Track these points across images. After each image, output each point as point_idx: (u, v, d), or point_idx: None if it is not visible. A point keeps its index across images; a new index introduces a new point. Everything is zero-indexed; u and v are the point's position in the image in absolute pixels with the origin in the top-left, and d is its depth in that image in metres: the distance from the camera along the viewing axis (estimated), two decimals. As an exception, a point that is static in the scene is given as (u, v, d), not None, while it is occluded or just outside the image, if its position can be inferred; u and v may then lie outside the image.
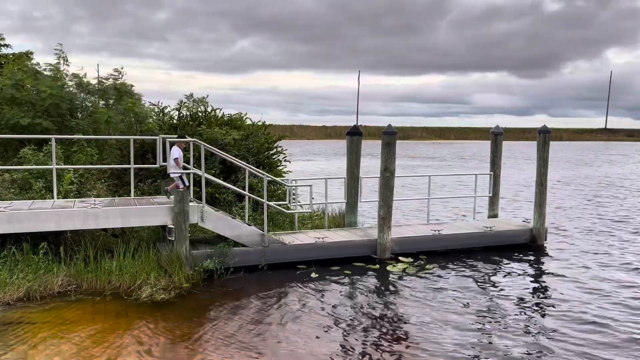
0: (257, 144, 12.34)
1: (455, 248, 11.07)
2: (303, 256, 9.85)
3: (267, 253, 9.49)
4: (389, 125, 10.44)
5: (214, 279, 8.77)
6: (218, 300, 7.90)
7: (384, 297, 8.28)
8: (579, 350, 6.33)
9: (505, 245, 11.44)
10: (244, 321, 7.11)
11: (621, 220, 15.35)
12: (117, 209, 8.57)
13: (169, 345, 6.31)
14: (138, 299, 7.76)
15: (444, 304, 7.91)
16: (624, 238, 12.87)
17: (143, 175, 11.61)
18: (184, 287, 8.24)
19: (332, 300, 8.02)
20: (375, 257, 10.26)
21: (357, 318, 7.35)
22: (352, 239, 10.39)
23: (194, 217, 8.89)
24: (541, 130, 11.78)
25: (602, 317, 7.43)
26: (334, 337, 6.68)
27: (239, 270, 9.18)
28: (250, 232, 9.43)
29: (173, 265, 8.47)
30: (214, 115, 13.09)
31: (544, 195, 11.75)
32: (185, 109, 13.09)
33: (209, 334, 6.67)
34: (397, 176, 10.72)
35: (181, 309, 7.52)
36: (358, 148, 11.68)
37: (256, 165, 11.65)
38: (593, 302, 8.04)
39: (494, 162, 13.03)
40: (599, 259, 10.79)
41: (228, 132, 11.81)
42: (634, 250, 11.60)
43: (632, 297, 8.33)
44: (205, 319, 7.18)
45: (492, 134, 13.06)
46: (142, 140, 11.44)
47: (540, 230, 11.74)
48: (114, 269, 8.35)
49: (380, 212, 10.35)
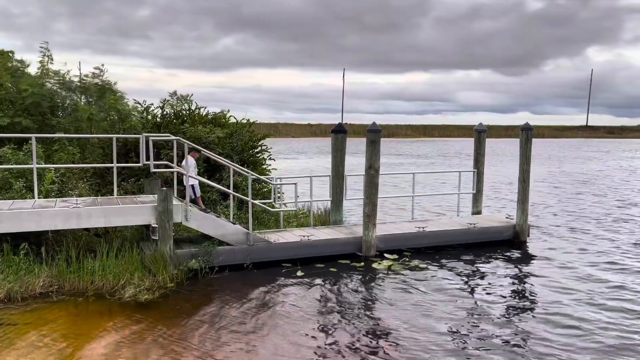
0: (242, 142, 12.28)
1: (440, 245, 11.15)
2: (288, 254, 9.84)
3: (252, 252, 9.46)
4: (374, 123, 10.47)
5: (198, 279, 8.71)
6: (203, 300, 7.85)
7: (370, 294, 8.30)
8: (559, 347, 6.41)
9: (489, 242, 11.56)
10: (228, 320, 7.08)
11: (602, 216, 15.59)
12: (99, 208, 8.47)
13: (153, 345, 6.25)
14: (121, 299, 7.68)
15: (429, 300, 7.96)
16: (605, 234, 13.08)
17: (126, 174, 11.49)
18: (168, 287, 8.17)
19: (318, 298, 8.03)
20: (360, 255, 10.29)
21: (342, 316, 7.36)
22: (337, 237, 10.40)
23: (178, 216, 8.82)
24: (524, 127, 11.90)
25: (583, 314, 7.54)
26: (319, 335, 6.68)
27: (224, 269, 9.14)
28: (235, 231, 9.39)
29: (157, 265, 8.40)
30: (198, 113, 13.00)
31: (526, 192, 11.88)
32: (169, 106, 12.99)
33: (194, 333, 6.63)
34: (381, 174, 10.76)
35: (165, 308, 7.46)
36: (343, 146, 11.69)
37: (241, 164, 11.60)
38: (574, 298, 8.15)
39: (477, 160, 13.13)
40: (580, 254, 10.95)
41: (212, 131, 11.74)
42: (614, 245, 11.80)
43: (612, 293, 8.47)
44: (190, 318, 7.14)
45: (476, 132, 13.17)
46: (125, 138, 11.32)
47: (523, 227, 11.87)
48: (96, 269, 8.25)
49: (365, 210, 10.38)
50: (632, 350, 6.28)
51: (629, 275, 9.40)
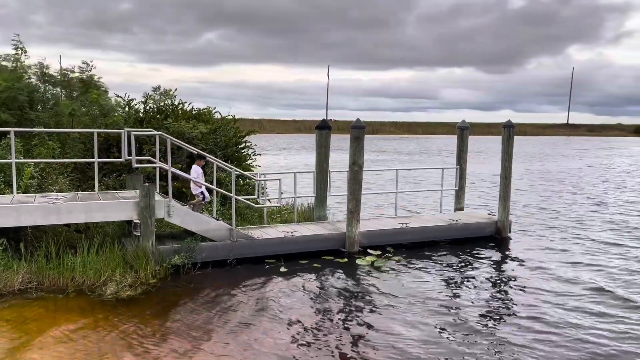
0: (226, 138, 12.22)
1: (423, 240, 11.22)
2: (272, 250, 9.82)
3: (235, 248, 9.42)
4: (358, 120, 10.48)
5: (181, 275, 8.65)
6: (185, 296, 7.81)
7: (352, 290, 8.33)
8: (536, 344, 6.50)
9: (471, 238, 11.67)
10: (211, 316, 7.05)
11: (582, 213, 15.84)
12: (80, 203, 8.36)
13: (135, 341, 6.20)
14: (102, 295, 7.60)
15: (411, 296, 8.02)
16: (584, 231, 13.29)
17: (108, 170, 11.36)
18: (150, 283, 8.10)
19: (301, 294, 8.04)
20: (344, 251, 10.32)
21: (325, 311, 7.38)
22: (321, 233, 10.41)
23: (160, 211, 8.74)
24: (506, 125, 12.02)
25: (561, 310, 7.65)
26: (302, 331, 6.69)
27: (207, 265, 9.09)
28: (218, 227, 9.34)
29: (139, 261, 8.32)
30: (182, 108, 12.89)
31: (508, 188, 12.02)
32: (152, 101, 12.86)
33: (176, 329, 6.59)
34: (365, 170, 10.79)
35: (147, 305, 7.40)
36: (327, 142, 11.69)
37: (224, 160, 11.54)
38: (553, 295, 8.27)
39: (460, 156, 13.24)
40: (560, 250, 11.12)
41: (195, 126, 11.66)
42: (593, 242, 11.99)
43: (590, 289, 8.62)
44: (172, 315, 7.09)
45: (459, 129, 13.27)
46: (107, 133, 11.18)
47: (505, 223, 12.01)
48: (77, 266, 8.15)
49: (349, 206, 10.40)
50: (611, 346, 6.40)
51: (605, 271, 9.57)
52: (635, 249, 11.24)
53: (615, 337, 6.54)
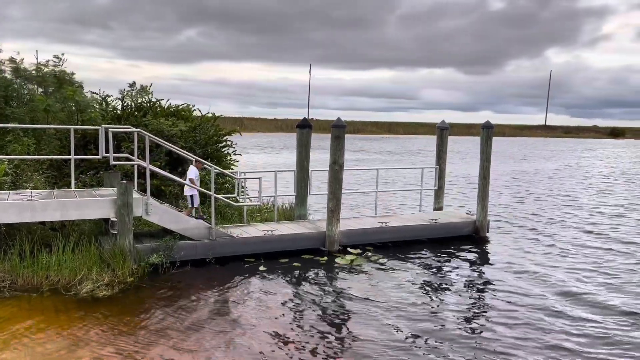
0: (206, 136, 12.12)
1: (402, 240, 11.29)
2: (252, 249, 9.78)
3: (214, 246, 9.36)
4: (338, 119, 10.49)
5: (159, 274, 8.56)
6: (163, 295, 7.73)
7: (332, 289, 8.35)
8: (512, 342, 6.58)
9: (450, 237, 11.78)
10: (189, 316, 6.99)
11: (558, 213, 16.11)
12: (55, 201, 8.21)
13: (110, 340, 6.11)
14: (78, 294, 7.48)
15: (390, 295, 8.06)
16: (561, 229, 13.52)
17: (85, 167, 11.18)
18: (128, 282, 8.00)
19: (280, 293, 8.02)
20: (324, 250, 10.32)
21: (304, 310, 7.37)
22: (301, 232, 10.40)
23: (138, 210, 8.63)
24: (484, 125, 12.16)
25: (538, 307, 7.78)
26: (280, 330, 6.67)
27: (186, 264, 9.01)
28: (197, 225, 9.27)
29: (116, 260, 8.20)
30: (160, 105, 12.75)
31: (486, 188, 12.16)
32: (129, 98, 12.67)
33: (153, 328, 6.52)
34: (346, 169, 10.81)
35: (124, 304, 7.31)
36: (308, 141, 11.68)
37: (204, 158, 11.44)
38: (529, 293, 8.40)
39: (439, 156, 13.34)
40: (537, 250, 11.30)
41: (175, 124, 11.54)
42: (569, 241, 12.21)
43: (565, 290, 8.77)
44: (149, 314, 7.01)
45: (438, 129, 13.37)
46: (84, 130, 11.00)
47: (483, 222, 12.15)
48: (52, 264, 8.01)
49: (329, 205, 10.41)
50: (586, 348, 6.52)
51: (580, 271, 9.75)
52: (608, 249, 11.47)
53: (590, 340, 6.64)
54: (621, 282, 8.96)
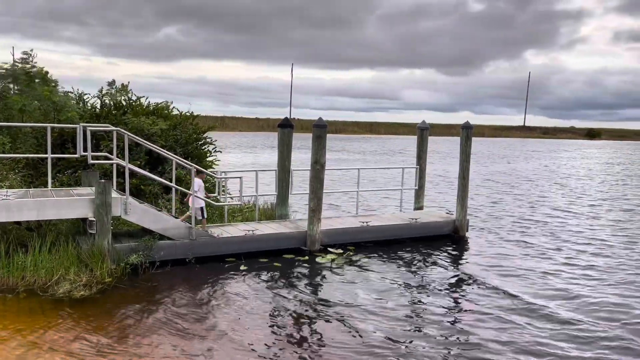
0: (186, 135, 12.03)
1: (383, 239, 11.36)
2: (232, 249, 9.74)
3: (194, 246, 9.30)
4: (320, 119, 10.51)
5: (139, 274, 8.47)
6: (142, 296, 7.65)
7: (312, 288, 8.36)
8: (491, 342, 6.65)
9: (430, 236, 11.89)
10: (168, 315, 6.94)
11: (537, 212, 16.37)
12: (31, 200, 8.07)
13: (87, 341, 6.03)
14: (54, 295, 7.37)
15: (370, 294, 8.10)
16: (539, 228, 13.74)
17: (62, 166, 11.01)
18: (106, 282, 7.90)
19: (260, 293, 8.00)
20: (305, 249, 10.33)
21: (284, 310, 7.37)
22: (282, 231, 10.39)
23: (116, 209, 8.53)
24: (464, 126, 12.30)
25: (516, 307, 7.89)
26: (260, 330, 6.66)
27: (166, 264, 8.93)
28: (177, 225, 9.19)
29: (94, 260, 8.10)
30: (140, 104, 12.61)
31: (466, 188, 12.30)
32: (108, 97, 12.50)
33: (132, 329, 6.45)
34: (327, 169, 10.83)
35: (103, 304, 7.22)
36: (289, 140, 11.68)
37: (184, 157, 11.35)
38: (508, 292, 8.51)
39: (420, 156, 13.45)
40: (516, 248, 11.47)
41: (155, 122, 11.43)
42: (546, 239, 12.42)
43: (544, 284, 8.93)
44: (128, 314, 6.94)
45: (419, 129, 13.49)
46: (61, 128, 10.82)
47: (462, 222, 12.28)
48: (28, 265, 7.87)
49: (311, 204, 10.42)
50: (564, 349, 6.64)
51: (558, 269, 9.93)
52: (585, 248, 11.70)
53: (569, 339, 6.71)
54: (599, 280, 9.13)
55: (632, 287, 8.81)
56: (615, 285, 8.87)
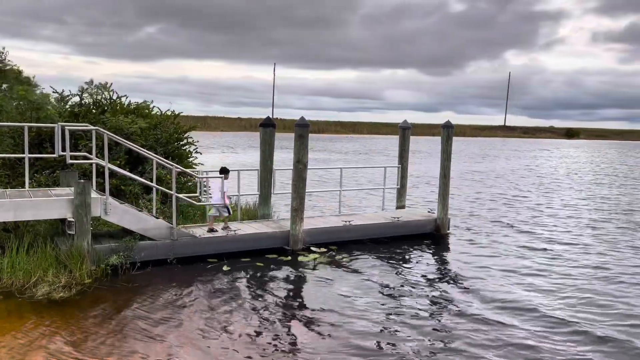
0: (166, 134, 11.92)
1: (365, 238, 11.40)
2: (214, 249, 9.68)
3: (176, 247, 9.23)
4: (302, 118, 10.51)
5: (119, 275, 8.38)
6: (123, 297, 7.57)
7: (295, 288, 8.36)
8: (470, 340, 6.72)
9: (412, 235, 11.96)
10: (149, 317, 6.87)
11: (518, 211, 16.59)
12: (7, 201, 7.93)
13: (67, 343, 5.95)
14: (33, 297, 7.25)
15: (352, 293, 8.13)
16: (520, 225, 13.93)
17: (40, 166, 10.82)
18: (86, 284, 7.80)
19: (242, 293, 7.97)
20: (287, 249, 10.32)
21: (266, 310, 7.36)
22: (264, 231, 10.37)
23: (96, 209, 8.43)
24: (445, 125, 12.40)
25: (497, 306, 7.99)
26: (242, 330, 6.64)
27: (147, 265, 8.85)
28: (158, 225, 9.11)
29: (73, 261, 7.99)
30: (120, 103, 12.46)
31: (447, 187, 12.40)
32: (87, 95, 12.33)
33: (111, 331, 6.37)
34: (309, 168, 10.83)
35: (82, 306, 7.12)
36: (271, 140, 11.65)
37: (165, 156, 11.25)
38: (489, 290, 8.62)
39: (401, 156, 13.54)
40: (496, 246, 11.60)
41: (134, 121, 11.30)
42: (527, 238, 12.59)
43: (524, 282, 9.05)
44: (108, 316, 6.85)
45: (401, 129, 13.57)
46: (39, 128, 10.64)
47: (444, 220, 12.39)
48: (4, 266, 7.73)
49: (293, 204, 10.42)
50: (545, 347, 6.74)
51: (539, 267, 10.07)
52: (567, 247, 11.88)
53: (548, 337, 6.78)
54: (579, 278, 9.26)
55: (614, 284, 8.91)
56: (596, 282, 8.99)
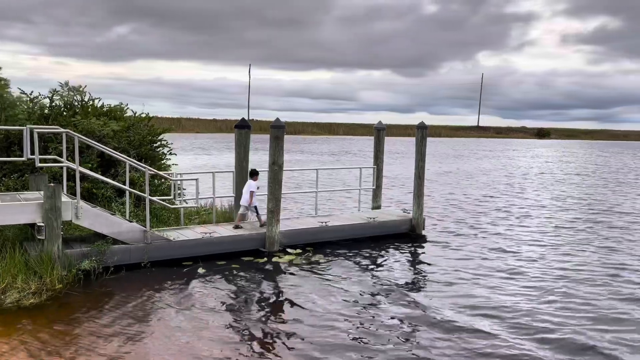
0: (139, 137, 11.75)
1: (342, 239, 11.43)
2: (189, 252, 9.58)
3: (150, 250, 9.10)
4: (277, 119, 10.48)
5: (92, 280, 8.22)
6: (95, 302, 7.43)
7: (270, 289, 8.33)
8: (440, 341, 6.75)
9: (388, 235, 12.04)
10: (122, 322, 6.76)
11: (492, 210, 16.84)
12: (-25, 206, 7.71)
13: (37, 350, 5.81)
14: (2, 304, 7.06)
15: (327, 294, 8.14)
16: (493, 226, 14.14)
17: (8, 170, 10.55)
18: (57, 289, 7.63)
19: (217, 296, 7.91)
20: (264, 251, 10.28)
21: (240, 313, 7.32)
22: (240, 233, 10.31)
23: (67, 214, 8.26)
24: (419, 126, 12.53)
25: (471, 299, 8.10)
26: (216, 333, 6.59)
27: (121, 269, 8.71)
28: (131, 229, 8.97)
29: (44, 266, 7.80)
30: (92, 105, 12.24)
31: (422, 187, 12.52)
32: (59, 98, 12.06)
33: (83, 337, 6.25)
34: (285, 170, 10.81)
35: (52, 312, 6.97)
36: (247, 141, 11.59)
37: (138, 159, 11.10)
38: (463, 287, 8.74)
39: (377, 156, 13.62)
40: (471, 245, 11.76)
41: (106, 124, 11.12)
42: (501, 237, 12.79)
43: (500, 281, 9.19)
44: (80, 322, 6.72)
45: (376, 130, 13.66)
46: (7, 130, 10.38)
47: (419, 220, 12.50)
48: (-28, 273, 7.51)
49: (269, 206, 10.38)
50: (516, 347, 6.85)
51: (511, 266, 10.25)
52: (542, 246, 12.11)
53: (523, 338, 6.87)
54: (553, 280, 9.35)
55: (586, 285, 9.02)
56: (568, 284, 9.14)
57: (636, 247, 11.83)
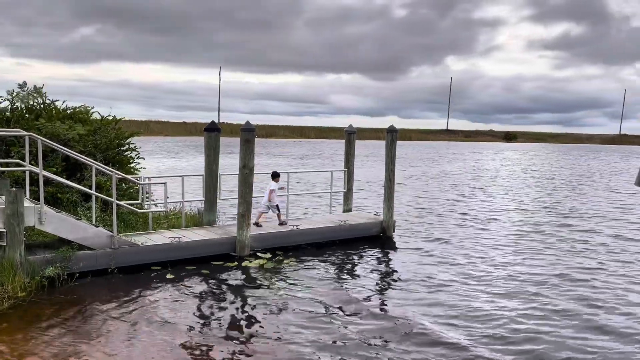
0: (106, 140, 11.52)
1: (313, 242, 11.43)
2: (157, 257, 9.43)
3: (117, 255, 8.91)
4: (247, 122, 10.42)
5: (56, 287, 8.00)
6: (59, 310, 7.23)
7: (239, 294, 8.26)
8: (407, 344, 6.80)
9: (359, 238, 12.10)
10: (87, 329, 6.60)
11: (461, 212, 17.10)
12: None
13: (-2, 363, 5.63)
14: (-40, 314, 6.81)
15: (297, 297, 8.12)
16: (462, 227, 14.37)
17: (-33, 174, 10.19)
18: (19, 297, 7.40)
19: (184, 301, 7.80)
20: (234, 255, 10.19)
21: (209, 317, 7.24)
22: (210, 238, 10.20)
23: (30, 219, 8.02)
24: (389, 129, 12.65)
25: (440, 302, 8.20)
26: (184, 339, 6.49)
27: (87, 275, 8.50)
28: (97, 234, 8.78)
29: (5, 274, 7.56)
30: (55, 108, 11.94)
31: (392, 190, 12.64)
32: (19, 100, 11.71)
33: (47, 346, 6.08)
34: (256, 173, 10.76)
35: (14, 320, 6.75)
36: (216, 144, 11.49)
37: (105, 163, 10.87)
38: (433, 288, 8.84)
39: (348, 160, 13.68)
40: (440, 246, 11.92)
41: (72, 127, 10.86)
42: (471, 238, 13.00)
43: (470, 280, 9.33)
44: (43, 330, 6.53)
45: (346, 133, 13.72)
46: (-34, 134, 10.02)
47: (389, 223, 12.61)
48: None
49: (240, 209, 10.30)
50: (487, 348, 6.96)
51: (482, 266, 10.42)
52: (513, 249, 12.35)
53: (491, 340, 6.94)
54: (523, 280, 9.44)
55: (554, 287, 9.12)
56: (535, 282, 9.35)
57: (600, 248, 12.19)
